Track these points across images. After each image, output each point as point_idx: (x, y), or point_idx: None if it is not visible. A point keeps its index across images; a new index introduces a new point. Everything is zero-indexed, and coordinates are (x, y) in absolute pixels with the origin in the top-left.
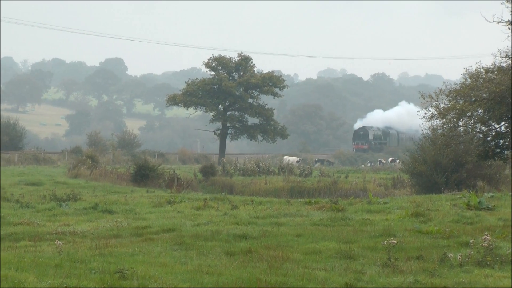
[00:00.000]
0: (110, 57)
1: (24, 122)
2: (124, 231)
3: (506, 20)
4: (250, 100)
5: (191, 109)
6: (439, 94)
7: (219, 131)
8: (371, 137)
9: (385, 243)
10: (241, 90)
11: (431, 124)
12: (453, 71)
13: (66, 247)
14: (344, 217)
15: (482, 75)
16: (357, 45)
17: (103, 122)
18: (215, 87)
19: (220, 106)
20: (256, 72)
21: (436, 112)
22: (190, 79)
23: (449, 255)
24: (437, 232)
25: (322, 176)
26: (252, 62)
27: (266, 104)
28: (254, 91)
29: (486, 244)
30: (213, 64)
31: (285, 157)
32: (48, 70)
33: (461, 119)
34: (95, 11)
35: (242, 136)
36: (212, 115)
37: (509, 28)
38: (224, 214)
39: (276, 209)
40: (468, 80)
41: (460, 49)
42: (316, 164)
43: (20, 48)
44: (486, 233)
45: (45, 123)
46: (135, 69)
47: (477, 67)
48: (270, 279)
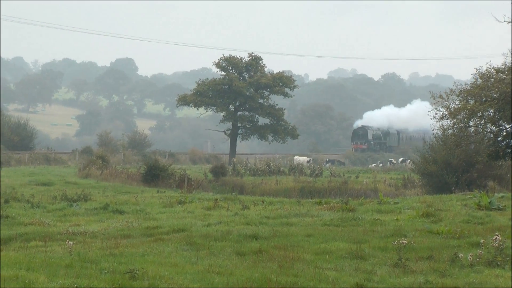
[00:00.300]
0: (121, 57)
1: (35, 122)
2: (134, 231)
3: None
4: (261, 100)
5: (201, 109)
6: (450, 94)
7: (229, 131)
8: (370, 137)
9: (395, 243)
10: (252, 90)
11: (442, 124)
12: (463, 71)
13: (77, 247)
14: (355, 217)
15: (492, 75)
16: (367, 45)
17: (114, 122)
18: (226, 87)
19: (230, 106)
20: (266, 72)
21: (446, 112)
22: (200, 79)
23: (459, 255)
24: (447, 232)
25: (333, 176)
26: (262, 62)
27: (277, 104)
28: (264, 91)
29: (497, 244)
30: (224, 64)
31: (296, 157)
32: (58, 70)
33: (472, 119)
34: (106, 11)
35: (252, 136)
36: (223, 115)
37: None
38: (235, 214)
39: (286, 209)
40: (479, 80)
41: (470, 49)
42: (327, 164)
43: (30, 48)
44: (496, 233)
45: (55, 123)
46: (145, 69)
47: (487, 67)
48: (280, 279)
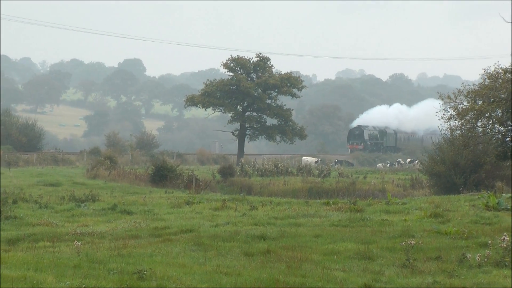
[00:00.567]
0: (129, 58)
1: (43, 123)
2: (142, 232)
3: None
4: (269, 101)
5: (209, 110)
6: (458, 94)
7: (237, 132)
8: (366, 137)
9: (403, 243)
10: (260, 90)
11: (450, 125)
12: (471, 72)
13: (85, 248)
14: (363, 218)
15: (500, 76)
16: (375, 46)
17: (122, 123)
18: (234, 87)
19: (238, 106)
20: (274, 72)
21: (454, 113)
22: (208, 79)
23: (467, 256)
24: (455, 232)
25: (341, 177)
26: (270, 62)
27: (285, 105)
28: (272, 91)
29: (505, 245)
30: (232, 64)
31: (304, 157)
32: (66, 71)
33: (480, 120)
34: (114, 12)
35: (260, 136)
36: (231, 116)
37: None
38: (243, 215)
39: (294, 210)
40: (487, 80)
41: (478, 50)
42: (336, 165)
43: (38, 49)
44: (504, 233)
45: (63, 124)
46: (153, 70)
47: (495, 68)
48: (288, 280)
